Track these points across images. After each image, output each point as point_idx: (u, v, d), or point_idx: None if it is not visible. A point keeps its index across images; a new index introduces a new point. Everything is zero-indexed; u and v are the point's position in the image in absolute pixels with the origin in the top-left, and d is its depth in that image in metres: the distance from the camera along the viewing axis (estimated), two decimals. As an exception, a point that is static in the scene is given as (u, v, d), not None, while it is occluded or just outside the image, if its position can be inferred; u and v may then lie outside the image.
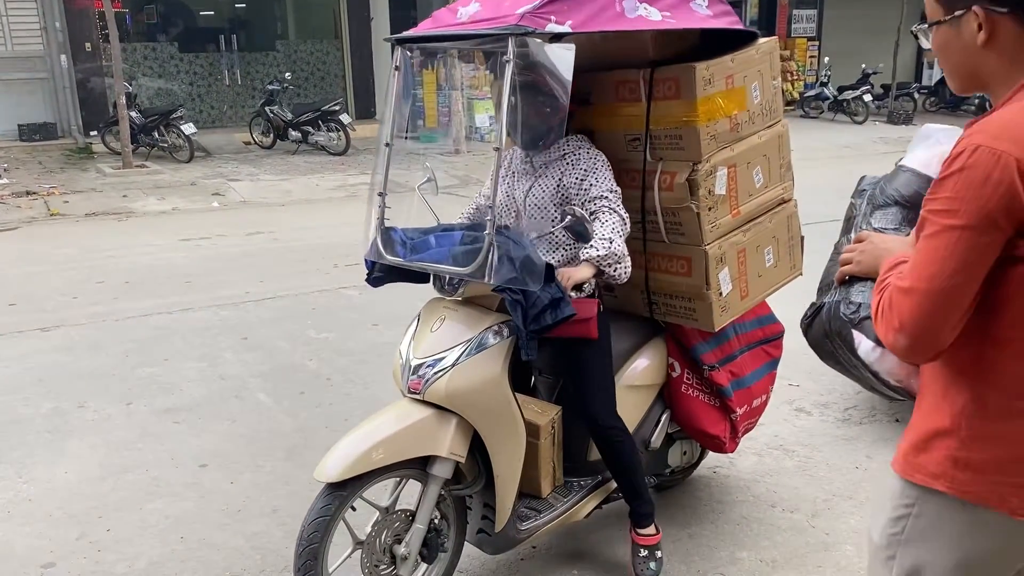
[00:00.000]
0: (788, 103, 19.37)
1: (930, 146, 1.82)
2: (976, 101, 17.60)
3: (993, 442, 1.47)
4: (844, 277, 1.76)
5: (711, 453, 3.63)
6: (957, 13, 1.46)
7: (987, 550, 1.52)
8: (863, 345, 1.70)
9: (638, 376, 3.15)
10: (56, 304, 6.30)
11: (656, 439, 3.23)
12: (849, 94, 17.72)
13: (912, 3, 20.13)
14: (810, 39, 20.51)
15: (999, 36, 1.44)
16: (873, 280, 1.62)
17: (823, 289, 1.86)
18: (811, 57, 20.17)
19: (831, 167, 11.92)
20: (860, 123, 17.31)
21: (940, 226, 1.39)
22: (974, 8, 1.43)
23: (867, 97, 17.55)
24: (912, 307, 1.41)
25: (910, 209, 1.77)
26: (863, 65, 18.19)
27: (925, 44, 1.59)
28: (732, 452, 3.48)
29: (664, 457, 3.40)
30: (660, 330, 3.24)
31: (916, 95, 19.36)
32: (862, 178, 1.99)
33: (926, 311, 1.40)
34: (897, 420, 4.29)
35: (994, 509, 1.47)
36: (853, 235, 1.82)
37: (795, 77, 19.76)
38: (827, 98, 18.12)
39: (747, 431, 3.48)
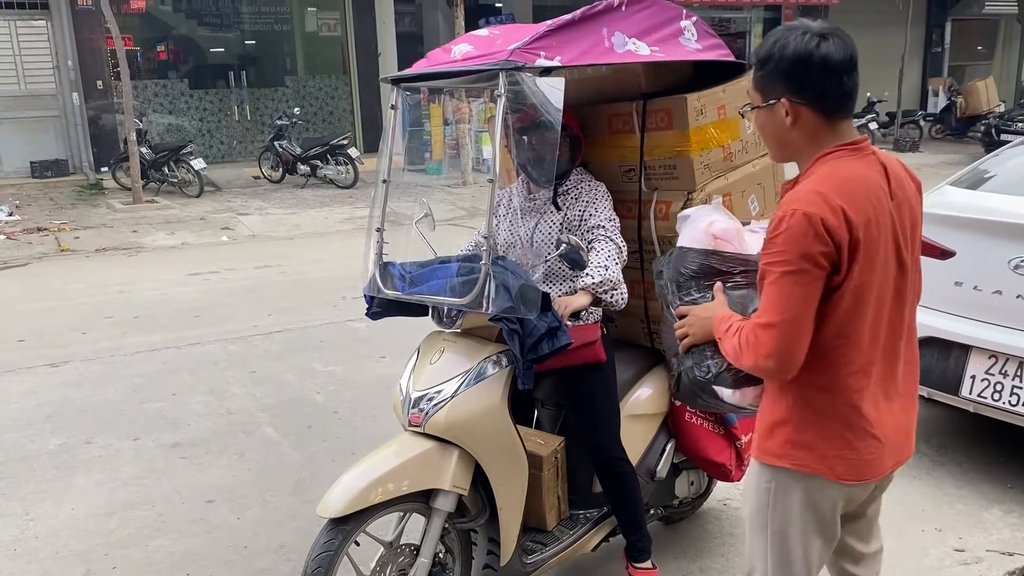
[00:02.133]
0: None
1: (694, 226, 2.25)
2: (983, 127, 17.61)
3: (817, 426, 1.93)
4: (688, 348, 2.16)
5: (721, 484, 3.61)
6: (771, 102, 1.90)
7: (828, 507, 2.00)
8: (724, 393, 2.14)
9: (641, 405, 3.14)
10: (65, 339, 6.34)
11: (662, 469, 3.22)
12: (855, 122, 17.74)
13: (915, 32, 20.28)
14: (814, 67, 20.63)
15: (801, 120, 1.89)
16: (709, 344, 2.09)
17: (673, 358, 2.27)
18: (816, 85, 20.26)
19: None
20: (866, 150, 17.32)
21: (778, 273, 1.83)
22: (782, 99, 1.88)
23: (873, 125, 17.61)
24: (775, 336, 1.84)
25: (703, 278, 2.18)
26: (868, 94, 18.27)
27: (749, 124, 2.10)
28: (739, 480, 3.45)
29: (671, 487, 3.38)
30: (661, 359, 3.24)
31: (922, 122, 19.42)
32: (655, 261, 2.44)
33: (786, 337, 1.83)
34: (906, 448, 4.26)
35: (825, 477, 1.94)
36: (672, 311, 2.23)
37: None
38: (832, 126, 18.14)
39: (753, 460, 3.46)
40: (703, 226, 2.22)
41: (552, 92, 2.42)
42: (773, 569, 2.06)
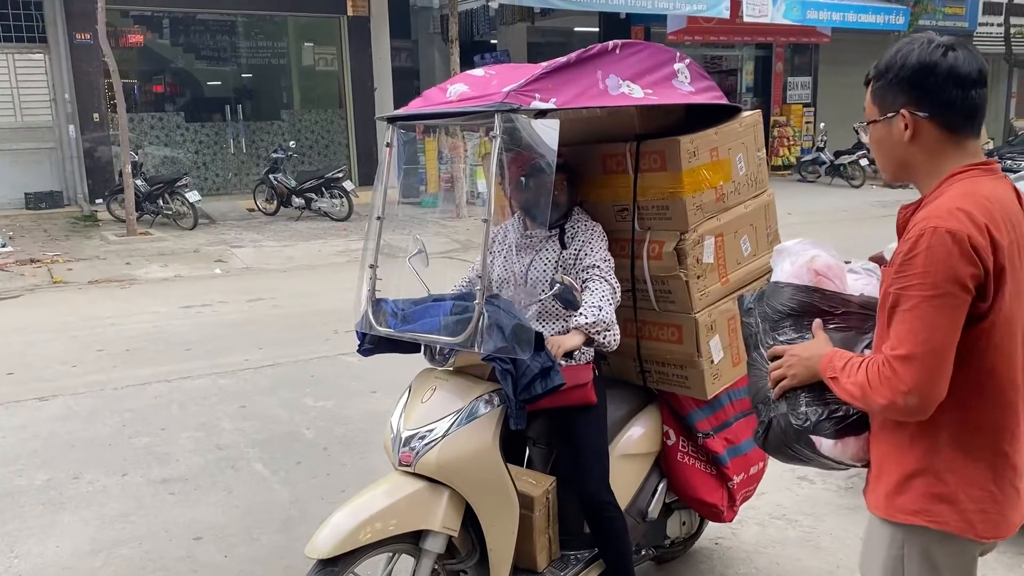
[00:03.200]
0: (785, 168, 19.63)
1: (792, 260, 2.09)
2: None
3: (961, 476, 1.73)
4: (783, 392, 1.96)
5: (712, 524, 3.58)
6: (889, 115, 1.79)
7: (966, 569, 1.82)
8: (824, 445, 1.91)
9: (633, 445, 3.13)
10: (55, 373, 6.30)
11: (654, 509, 3.20)
12: (846, 158, 17.94)
13: (905, 69, 20.57)
14: (806, 105, 20.88)
15: (921, 134, 1.77)
16: (806, 389, 1.91)
17: (761, 404, 2.06)
18: (807, 123, 20.49)
19: (830, 231, 12.01)
20: (857, 187, 17.49)
21: (919, 298, 1.65)
22: (901, 111, 1.77)
23: (863, 161, 17.75)
24: (916, 370, 1.65)
25: (801, 316, 2.02)
26: (857, 128, 18.43)
27: (864, 139, 1.91)
28: (731, 521, 3.44)
29: (663, 528, 3.36)
30: (654, 398, 3.23)
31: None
32: (741, 298, 2.25)
33: (929, 370, 1.65)
34: (899, 487, 4.24)
35: (967, 536, 1.75)
36: (763, 351, 2.06)
37: (792, 142, 20.05)
38: (824, 162, 18.34)
39: (745, 499, 3.44)
40: (804, 260, 2.06)
41: (547, 134, 2.45)
42: None
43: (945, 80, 1.72)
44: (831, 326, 1.99)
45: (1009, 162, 16.15)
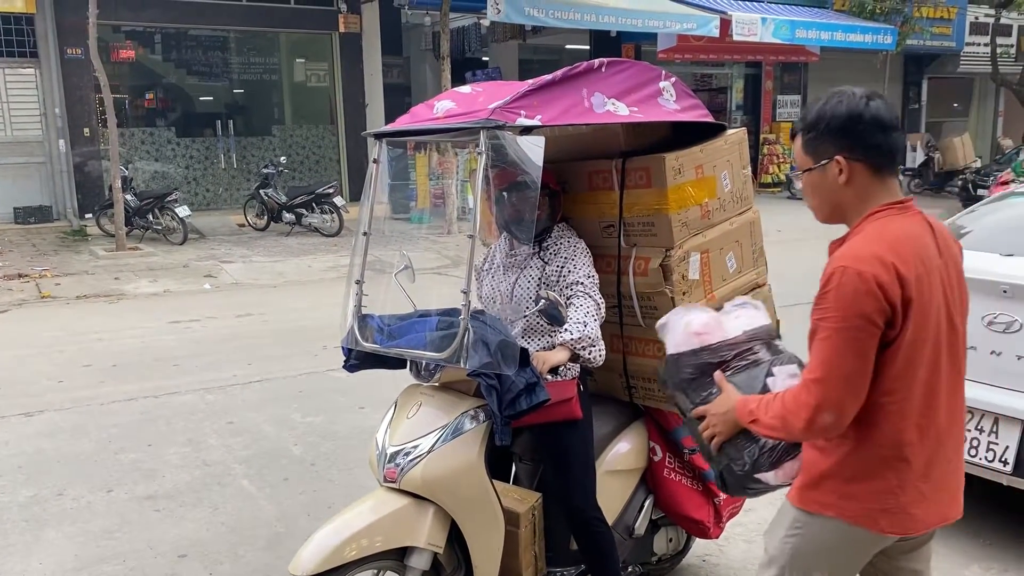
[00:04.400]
0: (775, 185, 19.73)
1: (674, 331, 2.36)
2: (960, 183, 17.92)
3: (865, 482, 1.95)
4: (719, 446, 2.20)
5: (699, 540, 3.58)
6: (824, 161, 1.98)
7: (861, 558, 2.06)
8: (767, 477, 2.18)
9: (619, 461, 3.13)
10: (41, 388, 6.26)
11: (640, 525, 3.20)
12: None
13: (892, 89, 20.74)
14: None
15: (854, 177, 1.95)
16: (737, 436, 2.14)
17: (709, 459, 2.33)
18: (796, 140, 20.59)
19: (820, 248, 12.05)
20: (847, 204, 17.57)
21: (831, 329, 1.87)
22: (836, 157, 1.95)
23: (852, 179, 17.86)
24: (825, 390, 1.88)
25: (704, 375, 2.27)
26: (847, 148, 18.57)
27: (798, 185, 2.14)
28: (717, 537, 3.44)
29: (649, 544, 3.35)
30: (640, 414, 3.24)
31: (901, 177, 19.67)
32: (659, 372, 2.47)
33: (838, 391, 1.88)
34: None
35: (870, 530, 1.98)
36: (690, 415, 2.31)
37: (781, 160, 20.15)
38: (813, 180, 18.41)
39: (732, 516, 3.44)
40: (682, 329, 2.32)
41: (532, 150, 2.46)
42: None
43: (871, 126, 1.92)
44: (730, 372, 2.23)
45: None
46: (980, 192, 15.24)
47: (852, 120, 1.93)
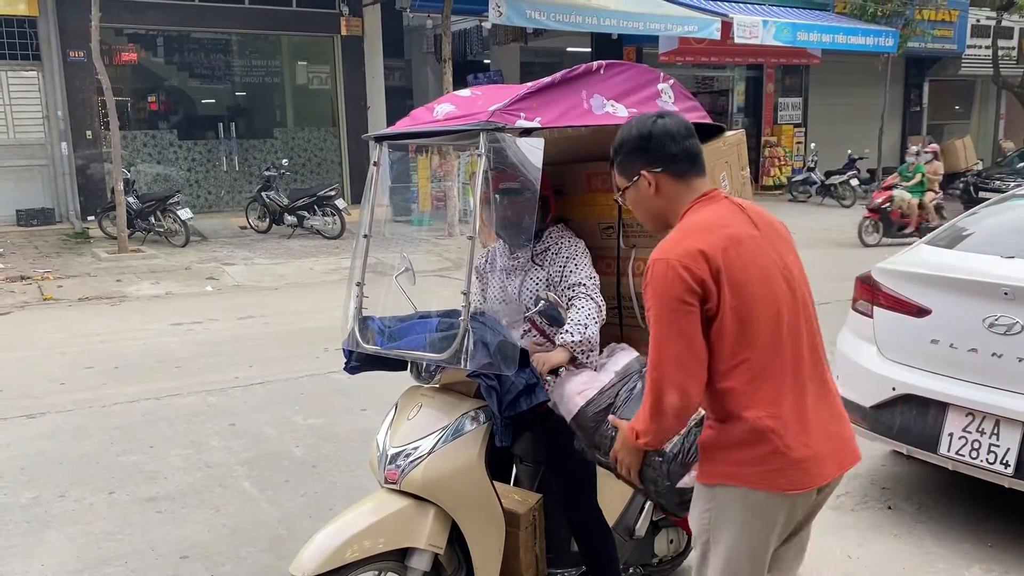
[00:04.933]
0: (777, 188, 19.74)
1: (565, 404, 2.58)
2: (961, 185, 17.93)
3: (749, 445, 2.07)
4: (638, 476, 2.36)
5: (698, 541, 3.58)
6: (635, 179, 2.23)
7: (768, 522, 2.14)
8: (687, 480, 2.30)
9: (620, 463, 3.13)
10: (43, 390, 6.27)
11: (641, 527, 3.20)
12: (836, 178, 18.05)
13: (894, 92, 20.75)
14: (796, 126, 21.03)
15: (662, 186, 2.21)
16: (647, 458, 2.31)
17: (644, 492, 2.49)
18: (798, 143, 20.63)
19: (821, 250, 12.08)
20: (848, 207, 17.58)
21: (655, 317, 2.07)
22: (641, 172, 2.20)
23: (854, 181, 17.89)
24: (660, 373, 2.06)
25: (600, 423, 2.47)
26: (849, 151, 18.61)
27: (623, 203, 2.33)
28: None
29: (650, 546, 3.35)
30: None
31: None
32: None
33: (670, 372, 2.05)
34: (890, 508, 4.25)
35: (769, 491, 2.09)
36: (609, 463, 2.46)
37: (783, 162, 20.17)
38: (814, 182, 18.44)
39: (732, 518, 3.44)
40: (568, 398, 2.55)
41: (531, 152, 2.47)
42: None
43: (663, 139, 2.17)
44: (619, 411, 2.44)
45: (998, 183, 16.27)
46: (982, 195, 15.23)
47: (643, 139, 2.19)
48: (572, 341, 2.70)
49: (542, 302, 2.64)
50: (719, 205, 2.19)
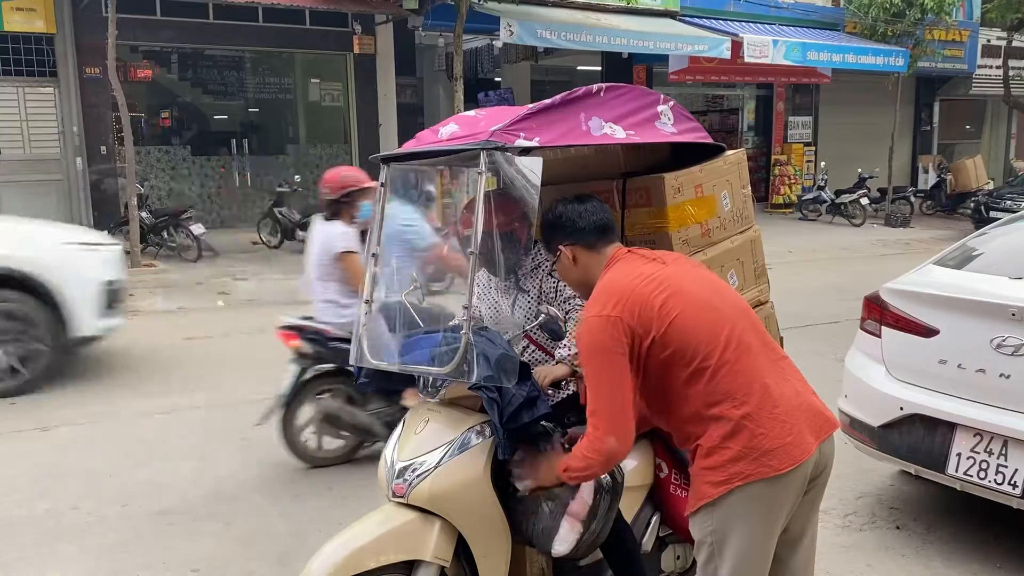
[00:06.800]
0: (787, 206, 19.74)
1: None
2: (972, 204, 17.91)
3: (732, 440, 2.24)
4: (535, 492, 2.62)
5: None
6: (557, 253, 2.58)
7: (769, 508, 2.28)
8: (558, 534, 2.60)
9: (625, 477, 3.14)
10: (56, 403, 6.33)
11: (647, 542, 3.20)
12: (846, 197, 18.05)
13: (904, 111, 20.75)
14: (806, 144, 21.03)
15: (578, 257, 2.54)
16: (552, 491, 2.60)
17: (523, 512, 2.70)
18: (808, 161, 20.62)
19: (831, 268, 12.07)
20: (858, 226, 17.58)
21: (587, 369, 2.32)
22: (560, 247, 2.56)
23: (864, 200, 17.88)
24: (601, 417, 2.28)
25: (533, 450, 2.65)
26: (859, 169, 18.61)
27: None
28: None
29: (657, 562, 3.35)
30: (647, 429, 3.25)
31: (912, 198, 19.73)
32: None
33: (606, 414, 2.27)
34: (898, 528, 4.25)
35: (764, 477, 2.22)
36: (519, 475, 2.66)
37: (793, 181, 20.17)
38: (824, 201, 18.44)
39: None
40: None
41: (530, 171, 2.53)
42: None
43: (566, 221, 2.54)
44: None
45: (1009, 203, 16.24)
46: (993, 214, 15.21)
47: (557, 218, 2.56)
48: (570, 355, 2.75)
49: (543, 315, 2.70)
50: (625, 260, 2.47)
